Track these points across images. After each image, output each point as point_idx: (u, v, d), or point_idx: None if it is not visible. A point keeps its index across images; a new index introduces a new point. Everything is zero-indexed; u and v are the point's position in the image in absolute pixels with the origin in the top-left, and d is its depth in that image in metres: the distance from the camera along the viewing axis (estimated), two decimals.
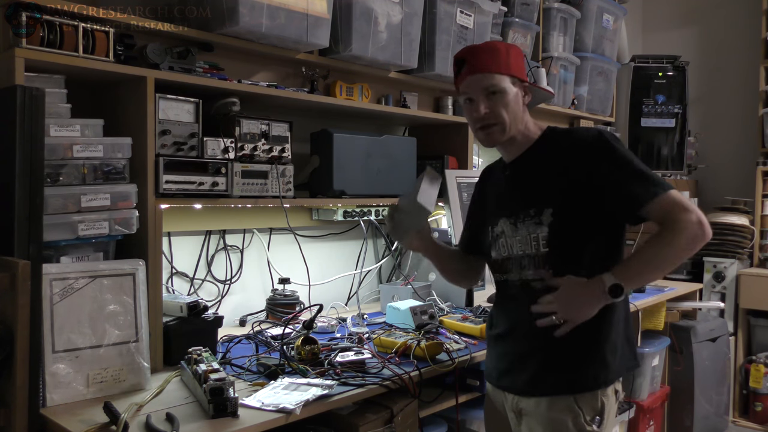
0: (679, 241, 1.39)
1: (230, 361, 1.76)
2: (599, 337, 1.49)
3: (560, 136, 1.56)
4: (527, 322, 1.51)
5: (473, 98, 1.53)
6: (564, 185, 1.48)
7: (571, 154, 1.49)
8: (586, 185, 1.46)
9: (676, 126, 4.06)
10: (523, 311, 1.52)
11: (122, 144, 1.67)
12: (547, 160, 1.52)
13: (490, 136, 1.54)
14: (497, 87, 1.50)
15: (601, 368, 1.49)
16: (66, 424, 1.35)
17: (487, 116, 1.51)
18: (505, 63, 1.52)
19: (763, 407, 3.75)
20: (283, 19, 1.95)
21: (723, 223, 3.94)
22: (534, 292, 1.51)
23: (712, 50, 4.44)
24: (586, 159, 1.47)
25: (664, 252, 1.39)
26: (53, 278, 1.49)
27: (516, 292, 1.56)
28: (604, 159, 1.45)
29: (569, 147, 1.50)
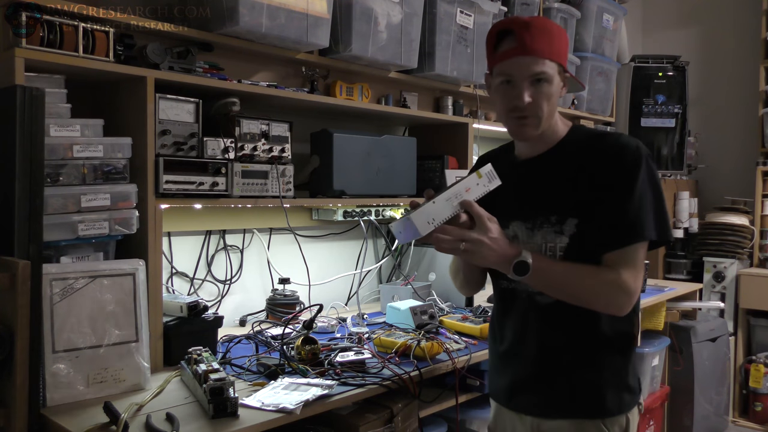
0: (607, 292, 1.31)
1: (230, 361, 1.76)
2: (625, 361, 1.43)
3: (595, 139, 1.40)
4: (541, 340, 1.41)
5: (515, 82, 1.33)
6: (593, 195, 1.34)
7: (607, 162, 1.34)
8: (603, 198, 1.34)
9: (676, 126, 4.06)
10: (534, 328, 1.42)
11: (122, 144, 1.67)
12: (577, 163, 1.36)
13: (525, 128, 1.37)
14: (546, 75, 1.32)
15: (626, 392, 1.43)
16: (66, 424, 1.35)
17: (529, 106, 1.33)
18: (557, 48, 1.34)
19: (762, 407, 3.75)
20: (283, 19, 1.95)
21: (723, 223, 3.95)
22: (539, 308, 1.41)
23: (712, 50, 4.44)
24: (617, 170, 1.33)
25: (587, 284, 1.32)
26: (53, 278, 1.49)
27: (522, 304, 1.45)
28: (627, 176, 1.32)
29: (605, 154, 1.35)
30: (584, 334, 1.39)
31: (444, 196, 1.30)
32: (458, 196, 1.30)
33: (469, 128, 2.72)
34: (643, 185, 1.31)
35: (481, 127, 2.80)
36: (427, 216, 1.28)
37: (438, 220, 1.29)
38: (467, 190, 1.31)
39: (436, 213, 1.29)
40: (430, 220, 1.28)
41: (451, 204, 1.30)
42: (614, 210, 1.32)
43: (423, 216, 1.28)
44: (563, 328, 1.40)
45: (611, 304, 1.32)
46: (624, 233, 1.31)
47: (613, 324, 1.39)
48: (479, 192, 1.33)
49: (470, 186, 1.32)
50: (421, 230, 1.27)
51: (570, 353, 1.40)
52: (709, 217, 4.07)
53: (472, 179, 1.32)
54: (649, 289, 3.03)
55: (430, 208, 1.28)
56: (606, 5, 3.50)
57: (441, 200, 1.30)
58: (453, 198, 1.30)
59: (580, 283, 1.31)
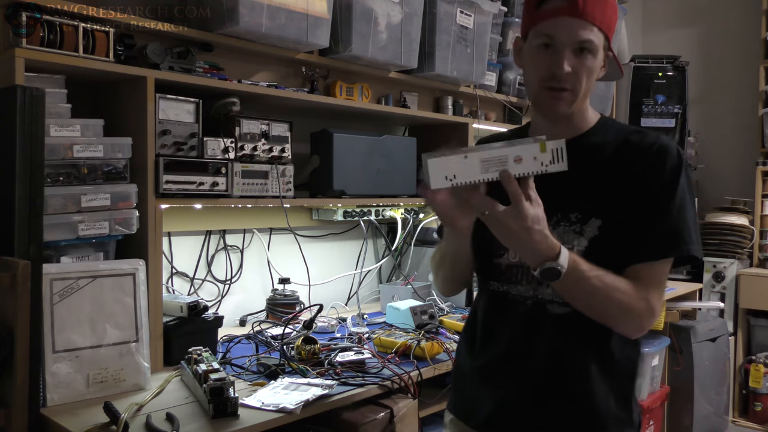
0: (632, 312, 1.13)
1: (230, 361, 1.76)
2: (631, 389, 1.26)
3: (631, 134, 1.22)
4: (551, 358, 1.20)
5: (556, 47, 1.15)
6: (625, 196, 1.17)
7: (647, 162, 1.17)
8: (637, 203, 1.17)
9: (676, 126, 4.06)
10: (543, 342, 1.21)
11: (122, 144, 1.67)
12: (608, 157, 1.20)
13: (559, 102, 1.17)
14: (592, 45, 1.14)
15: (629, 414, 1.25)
16: (66, 424, 1.35)
17: (568, 77, 1.15)
18: (609, 17, 1.17)
19: (762, 407, 3.75)
20: (283, 19, 1.95)
21: (723, 223, 3.94)
22: (550, 318, 1.20)
23: (712, 50, 4.44)
24: (657, 173, 1.16)
25: (616, 299, 1.12)
26: (53, 278, 1.49)
27: (524, 313, 1.23)
28: (669, 181, 1.16)
29: (645, 153, 1.18)
30: (597, 355, 1.21)
31: (482, 154, 1.04)
32: (501, 163, 1.05)
33: (469, 128, 2.71)
34: (682, 193, 1.16)
35: (481, 127, 2.80)
36: (448, 170, 1.04)
37: (460, 179, 1.04)
38: (517, 159, 1.05)
39: (460, 171, 1.04)
40: (450, 175, 1.04)
41: (487, 169, 1.05)
42: (651, 217, 1.15)
43: (443, 168, 1.04)
44: (578, 345, 1.20)
45: (633, 325, 1.16)
46: (660, 244, 1.15)
47: (623, 347, 1.22)
48: (532, 169, 1.05)
49: (524, 156, 1.05)
50: (432, 182, 1.03)
51: (581, 376, 1.20)
52: (709, 217, 4.07)
53: (530, 148, 1.05)
54: None
55: (456, 163, 1.04)
56: None
57: (475, 158, 1.04)
58: (494, 162, 1.04)
59: (609, 297, 1.12)
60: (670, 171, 1.16)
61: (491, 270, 1.28)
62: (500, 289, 1.27)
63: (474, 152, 1.04)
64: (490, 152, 1.04)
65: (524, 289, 1.23)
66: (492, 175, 1.04)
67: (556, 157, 1.07)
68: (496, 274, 1.27)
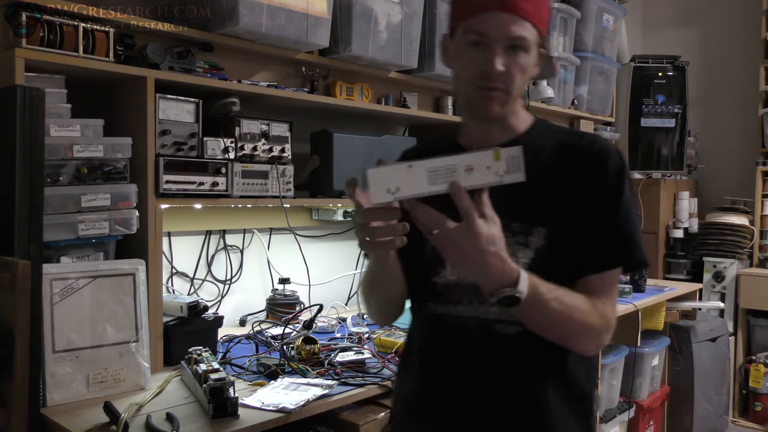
0: (592, 329, 1.05)
1: (230, 361, 1.77)
2: (589, 402, 1.18)
3: (569, 137, 1.16)
4: (502, 387, 1.10)
5: (487, 44, 1.06)
6: (567, 202, 1.09)
7: (589, 166, 1.10)
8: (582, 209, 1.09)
9: (676, 126, 4.06)
10: (491, 370, 1.10)
11: (122, 144, 1.67)
12: (547, 161, 1.10)
13: (492, 102, 1.08)
14: (525, 42, 1.06)
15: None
16: (66, 424, 1.35)
17: (500, 76, 1.06)
18: (542, 13, 1.10)
19: (762, 407, 3.75)
20: (283, 19, 1.95)
21: (723, 223, 3.94)
22: (497, 340, 1.09)
23: (712, 50, 4.44)
24: (601, 177, 1.09)
25: (577, 319, 1.03)
26: (53, 278, 1.49)
27: (467, 334, 1.11)
28: (614, 186, 1.09)
29: (587, 156, 1.11)
30: (553, 376, 1.11)
31: (429, 164, 0.93)
32: (450, 173, 0.93)
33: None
34: (627, 197, 1.10)
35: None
36: (391, 181, 0.92)
37: (404, 192, 0.92)
38: (468, 169, 0.93)
39: (405, 182, 0.92)
40: (392, 187, 0.92)
41: (435, 180, 0.92)
42: (600, 225, 1.08)
43: (385, 179, 0.92)
44: (531, 367, 1.10)
45: (592, 343, 1.08)
46: (612, 254, 1.09)
47: (579, 365, 1.14)
48: (486, 180, 0.93)
49: (475, 165, 0.93)
50: (373, 195, 0.92)
51: (537, 401, 1.10)
52: (709, 217, 4.07)
53: (482, 157, 0.93)
54: (649, 289, 3.03)
55: (400, 174, 0.92)
56: (606, 5, 3.50)
57: (421, 169, 0.92)
58: (442, 173, 0.93)
59: (569, 319, 1.02)
60: (614, 174, 1.09)
61: (427, 290, 1.15)
62: (438, 310, 1.14)
63: (420, 162, 0.93)
64: (438, 162, 0.93)
65: (465, 309, 1.11)
66: (440, 188, 0.92)
67: (511, 166, 0.94)
68: (433, 295, 1.14)
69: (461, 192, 0.91)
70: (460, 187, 0.91)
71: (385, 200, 0.93)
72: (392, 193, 0.92)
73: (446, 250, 0.94)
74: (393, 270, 1.12)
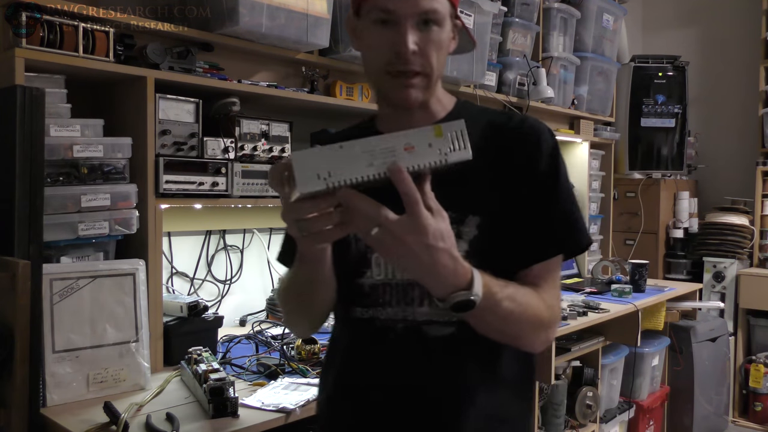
0: (542, 324, 0.96)
1: (230, 361, 1.76)
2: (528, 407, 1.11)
3: (496, 117, 1.05)
4: (434, 395, 1.00)
5: (395, 21, 0.95)
6: (500, 186, 1.00)
7: (521, 147, 1.01)
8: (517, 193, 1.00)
9: (676, 126, 4.06)
10: (422, 377, 1.00)
11: (122, 144, 1.67)
12: (474, 144, 0.85)
13: (409, 90, 0.97)
14: (438, 16, 0.96)
15: None
16: (66, 424, 1.35)
17: (415, 57, 0.95)
18: None
19: (762, 407, 3.75)
20: (283, 19, 1.95)
21: (723, 223, 3.95)
22: (427, 343, 0.99)
23: (712, 50, 4.44)
24: (535, 159, 1.01)
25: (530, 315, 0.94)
26: (53, 278, 1.49)
27: (394, 339, 1.01)
28: (550, 168, 1.01)
29: (517, 137, 1.02)
30: (489, 381, 1.02)
31: (364, 144, 0.80)
32: (390, 152, 0.80)
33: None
34: (565, 179, 1.02)
35: None
36: (320, 165, 0.78)
37: (337, 177, 0.79)
38: (408, 148, 0.80)
39: (337, 166, 0.79)
40: (323, 172, 0.78)
41: (371, 162, 0.79)
42: (539, 210, 1.00)
43: (314, 163, 0.79)
44: (462, 374, 1.00)
45: (542, 339, 0.98)
46: (555, 240, 1.00)
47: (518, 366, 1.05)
48: (429, 159, 0.80)
49: (416, 143, 0.81)
50: (300, 182, 0.78)
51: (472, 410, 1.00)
52: (709, 217, 4.07)
53: (422, 134, 0.81)
54: (649, 289, 3.03)
55: (331, 156, 0.79)
56: (606, 5, 3.50)
57: (354, 149, 0.80)
58: (379, 153, 0.80)
59: (522, 317, 0.93)
60: (548, 155, 1.01)
61: (352, 293, 1.03)
62: (365, 315, 1.03)
63: (353, 142, 0.80)
64: (374, 141, 0.80)
65: (394, 312, 1.01)
66: (378, 170, 0.79)
67: (456, 143, 0.82)
68: (359, 298, 1.03)
69: (403, 175, 0.77)
70: (401, 169, 0.78)
71: (315, 188, 0.78)
72: (324, 179, 0.78)
73: (387, 248, 0.80)
74: (328, 271, 0.97)
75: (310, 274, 0.97)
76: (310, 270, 0.96)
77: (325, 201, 0.80)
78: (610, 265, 3.31)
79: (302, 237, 0.83)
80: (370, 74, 1.02)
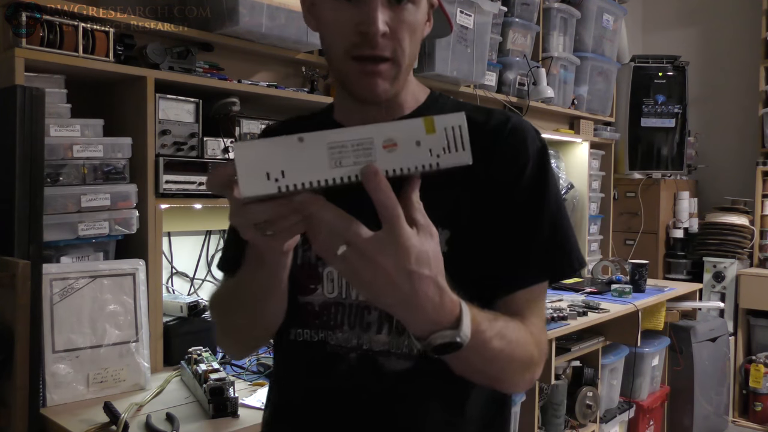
0: (529, 363, 0.80)
1: (230, 361, 1.76)
2: None
3: (472, 112, 0.84)
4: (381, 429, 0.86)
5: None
6: (477, 195, 0.84)
7: (502, 150, 0.86)
8: (497, 205, 0.84)
9: (676, 126, 4.06)
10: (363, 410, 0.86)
11: (122, 144, 1.67)
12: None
13: (378, 80, 0.80)
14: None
15: None
16: (66, 424, 1.35)
17: (385, 41, 0.79)
18: None
19: (762, 407, 3.75)
20: (283, 19, 1.95)
21: (723, 223, 3.95)
22: (383, 378, 0.84)
23: (712, 50, 4.44)
24: (519, 164, 0.85)
25: (518, 354, 0.77)
26: (53, 278, 1.49)
27: (346, 371, 0.86)
28: (536, 175, 0.85)
29: (498, 138, 0.86)
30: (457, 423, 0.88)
31: (330, 136, 0.62)
32: (364, 150, 0.62)
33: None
34: (554, 189, 0.87)
35: None
36: (272, 163, 0.61)
37: (292, 179, 0.61)
38: (389, 145, 0.63)
39: (293, 164, 0.61)
40: (274, 172, 0.61)
41: (339, 161, 0.62)
42: (525, 227, 0.84)
43: (263, 159, 0.61)
44: (428, 414, 0.86)
45: (527, 379, 0.82)
46: (544, 263, 0.84)
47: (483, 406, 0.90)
48: (417, 162, 0.64)
49: (399, 140, 0.63)
50: (244, 184, 0.60)
51: None
52: (709, 217, 4.07)
53: (410, 128, 0.64)
54: (649, 289, 3.03)
55: (285, 150, 0.61)
56: (606, 5, 3.50)
57: (318, 144, 0.62)
58: (350, 151, 0.62)
59: (511, 357, 0.77)
60: (535, 161, 0.85)
61: (298, 312, 0.88)
62: (313, 338, 0.88)
63: (317, 135, 0.62)
64: (345, 134, 0.62)
65: (346, 337, 0.85)
66: (348, 173, 0.61)
67: (452, 142, 0.64)
68: (306, 318, 0.88)
69: (380, 181, 0.60)
70: (378, 173, 0.60)
71: (264, 192, 0.60)
72: (275, 180, 0.60)
73: (356, 272, 0.62)
74: (286, 277, 0.78)
75: (266, 280, 0.77)
76: (268, 276, 0.76)
77: (281, 206, 0.62)
78: (610, 265, 3.32)
79: (262, 237, 0.65)
80: (331, 58, 0.83)
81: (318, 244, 0.64)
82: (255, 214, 0.62)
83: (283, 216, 0.62)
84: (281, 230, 0.64)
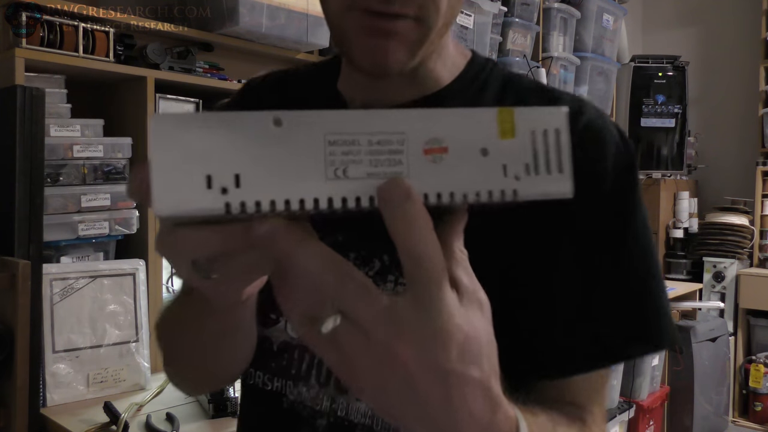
0: None
1: None
2: None
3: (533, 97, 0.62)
4: None
5: None
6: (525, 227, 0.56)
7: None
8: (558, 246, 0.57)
9: (676, 126, 4.06)
10: None
11: (122, 144, 1.67)
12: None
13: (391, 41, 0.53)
14: None
15: None
16: (66, 424, 1.35)
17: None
18: None
19: (762, 407, 3.75)
20: (283, 19, 1.95)
21: (723, 223, 3.95)
22: None
23: (712, 50, 4.44)
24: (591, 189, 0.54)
25: None
26: (53, 278, 1.49)
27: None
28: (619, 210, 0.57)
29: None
30: None
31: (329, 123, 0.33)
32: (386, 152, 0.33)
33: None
34: (642, 227, 0.58)
35: None
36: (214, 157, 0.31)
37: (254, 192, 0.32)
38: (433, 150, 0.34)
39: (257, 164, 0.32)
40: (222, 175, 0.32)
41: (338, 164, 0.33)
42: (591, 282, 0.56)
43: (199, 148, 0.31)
44: None
45: None
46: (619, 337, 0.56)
47: None
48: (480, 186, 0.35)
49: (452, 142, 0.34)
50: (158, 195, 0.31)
51: None
52: (709, 217, 4.07)
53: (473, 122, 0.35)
54: None
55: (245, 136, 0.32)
56: (606, 5, 3.50)
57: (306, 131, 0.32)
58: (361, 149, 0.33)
59: None
60: (618, 178, 0.57)
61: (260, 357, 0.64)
62: (266, 386, 0.65)
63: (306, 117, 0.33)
64: (357, 121, 0.34)
65: (313, 395, 0.62)
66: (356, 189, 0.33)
67: (543, 157, 0.36)
68: (262, 357, 0.64)
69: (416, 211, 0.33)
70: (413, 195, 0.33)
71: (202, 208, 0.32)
72: (222, 191, 0.32)
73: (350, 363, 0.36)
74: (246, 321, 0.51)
75: (226, 324, 0.50)
76: (227, 320, 0.49)
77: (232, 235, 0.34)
78: None
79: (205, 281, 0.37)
80: (326, 14, 0.57)
81: (289, 305, 0.37)
82: (188, 245, 0.35)
83: (236, 251, 0.35)
84: (232, 274, 0.37)
